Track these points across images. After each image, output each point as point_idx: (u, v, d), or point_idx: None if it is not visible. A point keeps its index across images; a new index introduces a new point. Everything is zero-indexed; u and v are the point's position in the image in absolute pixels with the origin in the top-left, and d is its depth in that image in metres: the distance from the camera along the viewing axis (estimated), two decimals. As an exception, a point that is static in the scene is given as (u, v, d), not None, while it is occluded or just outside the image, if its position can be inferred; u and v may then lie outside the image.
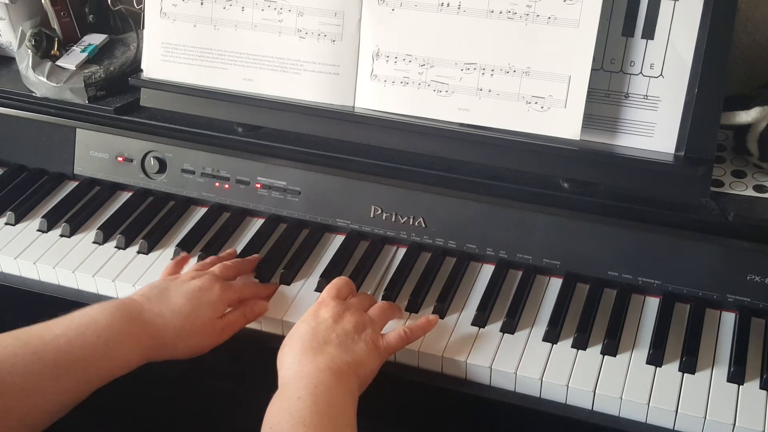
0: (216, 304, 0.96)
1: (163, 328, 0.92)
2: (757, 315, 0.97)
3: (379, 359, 0.91)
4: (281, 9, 1.07)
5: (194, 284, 0.97)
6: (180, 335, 0.93)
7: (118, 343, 0.88)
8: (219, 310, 0.97)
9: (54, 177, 1.26)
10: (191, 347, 0.95)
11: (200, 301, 0.95)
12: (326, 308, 0.94)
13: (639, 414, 0.89)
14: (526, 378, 0.92)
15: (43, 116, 1.23)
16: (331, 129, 1.09)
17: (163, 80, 1.15)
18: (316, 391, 0.82)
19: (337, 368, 0.85)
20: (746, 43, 1.16)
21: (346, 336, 0.90)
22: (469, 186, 1.04)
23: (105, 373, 0.87)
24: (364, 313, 0.95)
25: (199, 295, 0.96)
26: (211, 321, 0.95)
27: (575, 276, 1.03)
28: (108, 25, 1.32)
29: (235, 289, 1.01)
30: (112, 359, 0.88)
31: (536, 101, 0.98)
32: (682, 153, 0.96)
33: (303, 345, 0.88)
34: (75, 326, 0.87)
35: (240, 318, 0.99)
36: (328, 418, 0.80)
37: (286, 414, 0.80)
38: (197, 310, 0.94)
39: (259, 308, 1.01)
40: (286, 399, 0.82)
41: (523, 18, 0.97)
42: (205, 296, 0.96)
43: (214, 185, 1.16)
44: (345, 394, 0.84)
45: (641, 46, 0.95)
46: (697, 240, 0.96)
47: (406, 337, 0.93)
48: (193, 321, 0.94)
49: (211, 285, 0.98)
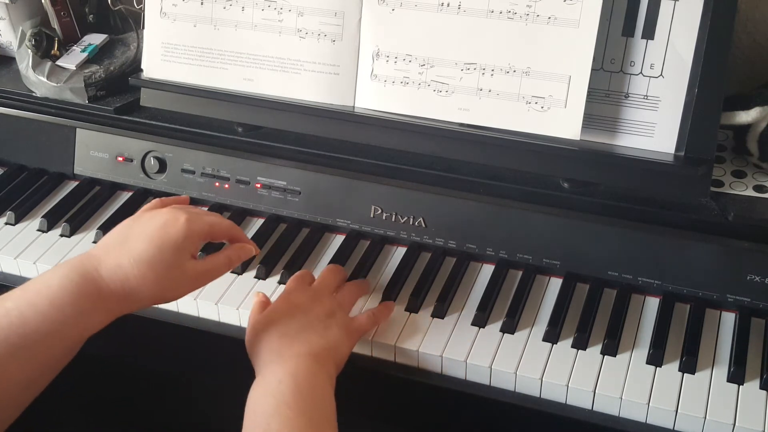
0: (182, 243, 0.84)
1: (125, 280, 0.82)
2: (757, 315, 0.97)
3: (352, 342, 0.93)
4: (281, 9, 1.07)
5: (156, 222, 0.85)
6: (144, 284, 0.82)
7: (74, 306, 0.80)
8: (187, 249, 0.85)
9: (54, 177, 1.26)
10: (160, 296, 0.85)
11: (163, 242, 0.83)
12: (296, 294, 0.95)
13: (639, 414, 0.89)
14: (526, 378, 0.92)
15: (43, 116, 1.23)
16: (331, 129, 1.09)
17: (163, 80, 1.15)
18: (297, 374, 0.83)
19: (315, 353, 0.87)
20: (746, 43, 1.16)
21: (319, 321, 0.91)
22: (469, 186, 1.04)
23: (68, 341, 0.81)
24: (333, 297, 0.97)
25: (161, 234, 0.83)
26: (178, 265, 0.84)
27: (575, 276, 1.03)
28: (108, 24, 1.32)
29: (207, 221, 0.88)
30: (72, 325, 0.80)
31: (536, 101, 0.98)
32: (682, 153, 0.96)
33: (279, 332, 0.89)
34: (27, 296, 0.80)
35: (222, 262, 0.89)
36: (310, 400, 0.81)
37: (269, 398, 0.81)
38: (161, 253, 0.83)
39: (245, 251, 0.92)
40: (267, 384, 0.83)
41: (523, 18, 0.97)
42: (168, 235, 0.84)
43: (214, 185, 1.16)
44: (324, 376, 0.85)
45: (641, 46, 0.95)
46: (697, 240, 0.96)
47: (374, 318, 0.97)
48: (156, 267, 0.82)
49: (175, 219, 0.85)
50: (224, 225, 0.92)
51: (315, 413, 0.81)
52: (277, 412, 0.79)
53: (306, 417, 0.79)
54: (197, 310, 1.04)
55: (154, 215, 0.87)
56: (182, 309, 1.05)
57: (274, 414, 0.79)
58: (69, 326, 0.80)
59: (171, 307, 1.05)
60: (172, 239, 0.84)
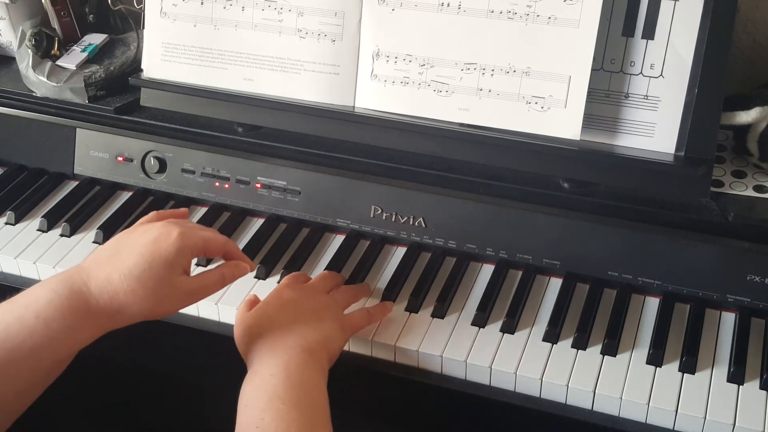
0: (173, 259, 0.82)
1: (114, 295, 0.80)
2: (757, 315, 0.97)
3: (345, 336, 0.93)
4: (281, 9, 1.07)
5: (148, 236, 0.83)
6: (134, 299, 0.81)
7: (62, 321, 0.78)
8: (179, 264, 0.83)
9: (54, 177, 1.26)
10: (149, 312, 0.83)
11: (154, 257, 0.81)
12: (288, 290, 0.95)
13: (639, 414, 0.89)
14: (526, 378, 0.92)
15: (43, 116, 1.23)
16: (331, 129, 1.09)
17: (164, 80, 1.15)
18: (289, 366, 0.83)
19: (308, 345, 0.86)
20: (746, 43, 1.16)
21: (311, 314, 0.91)
22: (469, 186, 1.04)
23: (58, 355, 0.80)
24: (325, 294, 0.97)
25: (152, 249, 0.82)
26: (169, 281, 0.82)
27: (575, 276, 1.03)
28: (108, 24, 1.32)
29: (201, 236, 0.86)
30: (61, 340, 0.78)
31: (536, 101, 0.98)
32: (682, 153, 0.96)
33: (271, 325, 0.88)
34: (15, 309, 0.78)
35: (215, 279, 0.87)
36: (303, 392, 0.81)
37: (261, 390, 0.81)
38: (151, 269, 0.81)
39: (240, 269, 0.90)
40: (259, 377, 0.83)
41: (523, 18, 0.97)
42: (159, 250, 0.82)
43: (214, 185, 1.16)
44: (317, 369, 0.85)
45: (641, 47, 0.95)
46: (697, 240, 0.96)
47: (368, 316, 0.96)
48: (146, 282, 0.80)
49: (167, 233, 0.83)
50: (219, 241, 0.90)
51: (308, 405, 0.80)
52: (270, 406, 0.78)
53: (299, 409, 0.79)
54: (197, 310, 1.04)
55: (148, 229, 0.85)
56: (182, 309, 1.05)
57: (267, 407, 0.78)
58: (57, 341, 0.78)
59: (171, 306, 1.05)
60: (163, 254, 0.82)
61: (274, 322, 0.89)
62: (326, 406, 0.83)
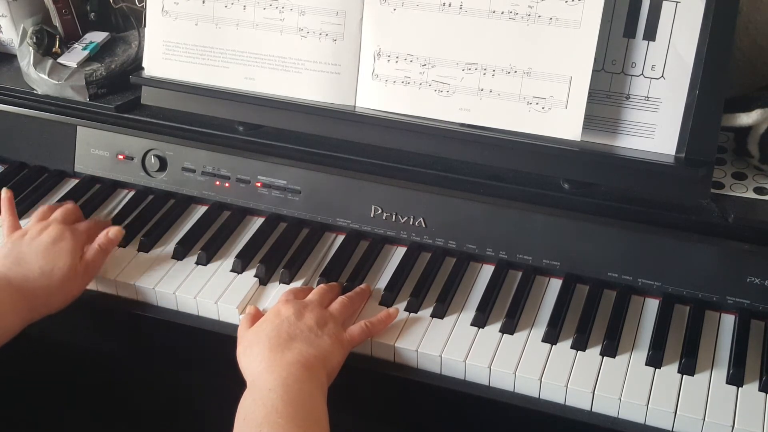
0: (71, 252, 1.01)
1: (34, 291, 0.97)
2: (757, 317, 0.97)
3: (343, 352, 0.93)
4: (283, 8, 1.07)
5: (45, 240, 1.02)
6: (50, 292, 0.99)
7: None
8: (76, 256, 1.02)
9: (54, 174, 1.26)
10: (63, 299, 1.00)
11: (57, 255, 1.00)
12: (287, 307, 0.96)
13: (638, 415, 0.89)
14: (525, 378, 0.92)
15: (44, 114, 1.23)
16: (331, 128, 1.09)
17: (165, 78, 1.15)
18: (287, 382, 0.84)
19: (306, 361, 0.87)
20: (747, 44, 1.16)
21: (310, 331, 0.92)
22: (469, 186, 1.04)
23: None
24: (324, 309, 0.97)
25: (53, 249, 1.01)
26: (72, 269, 1.01)
27: (575, 277, 1.03)
28: (109, 22, 1.32)
29: (83, 230, 1.06)
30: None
31: (537, 102, 0.98)
32: (683, 155, 0.96)
33: (270, 343, 0.90)
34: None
35: (98, 254, 1.04)
36: (300, 407, 0.82)
37: (259, 404, 0.82)
38: (56, 265, 1.00)
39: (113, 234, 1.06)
40: (258, 391, 0.84)
41: (524, 18, 0.97)
42: (58, 248, 1.01)
43: (214, 184, 1.16)
44: (315, 384, 0.86)
45: (642, 48, 0.95)
46: (697, 242, 0.96)
47: (368, 330, 0.96)
48: (55, 277, 0.99)
49: (61, 235, 1.03)
50: (92, 225, 1.09)
51: (306, 420, 0.81)
52: (267, 420, 0.80)
53: (296, 424, 0.80)
54: (197, 308, 1.04)
55: (40, 233, 1.03)
56: (181, 308, 1.05)
57: (264, 422, 0.80)
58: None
59: (170, 305, 1.05)
60: (62, 251, 1.01)
61: (272, 339, 0.90)
62: (325, 422, 0.84)
